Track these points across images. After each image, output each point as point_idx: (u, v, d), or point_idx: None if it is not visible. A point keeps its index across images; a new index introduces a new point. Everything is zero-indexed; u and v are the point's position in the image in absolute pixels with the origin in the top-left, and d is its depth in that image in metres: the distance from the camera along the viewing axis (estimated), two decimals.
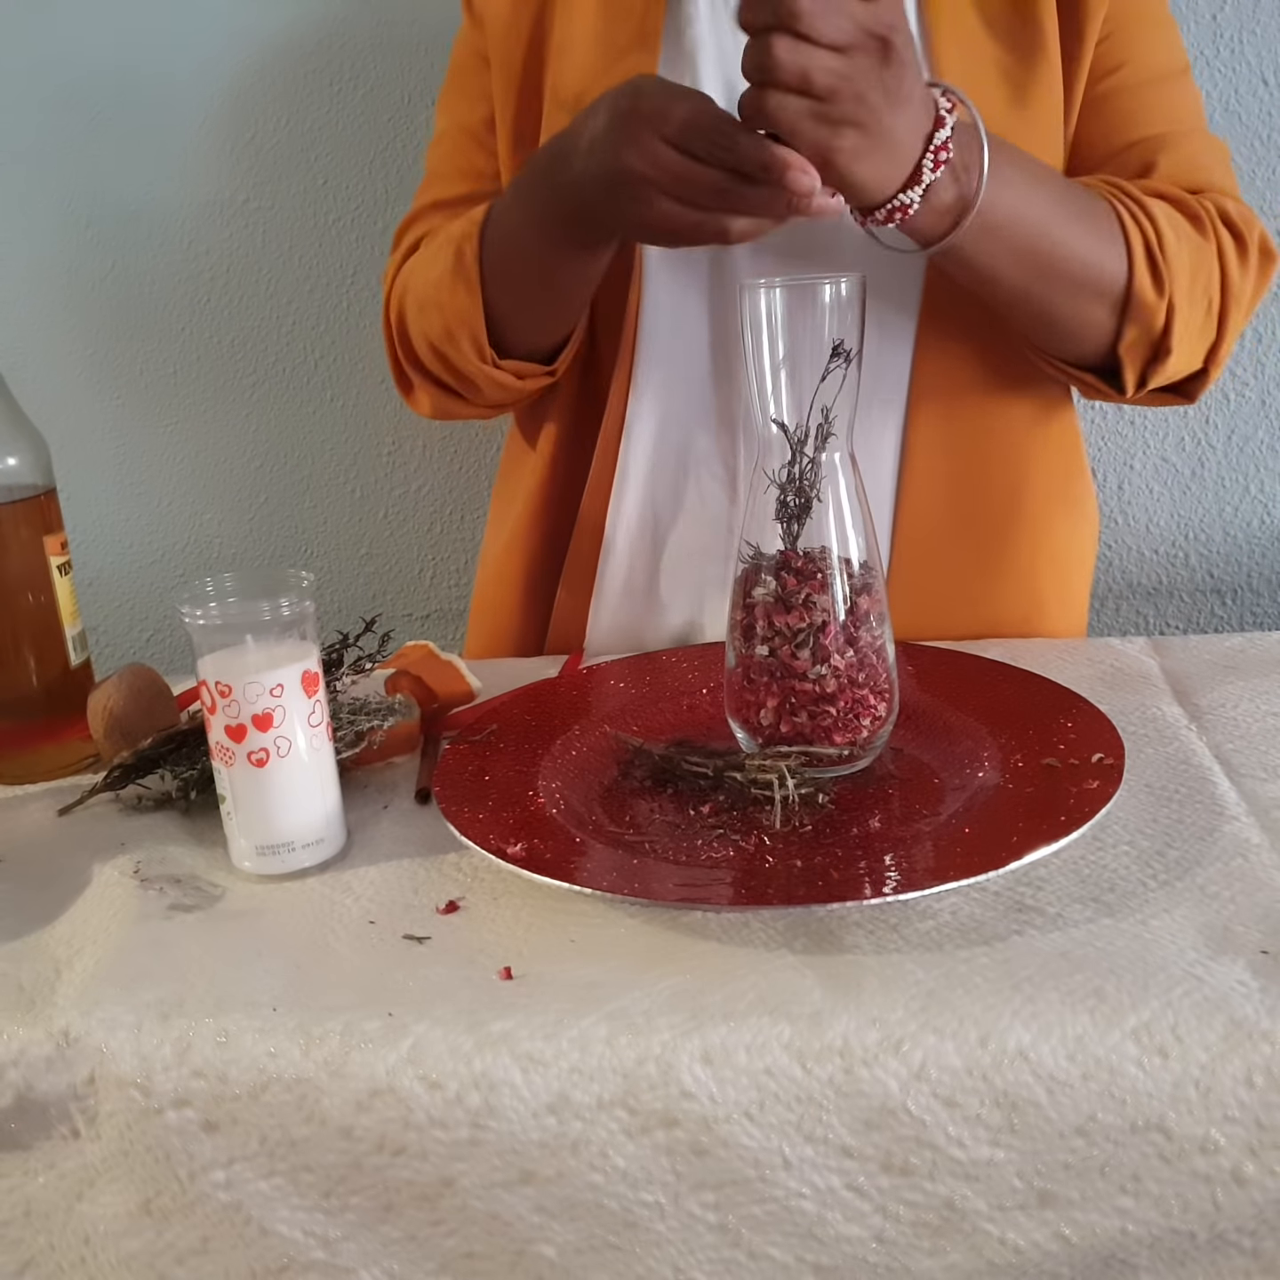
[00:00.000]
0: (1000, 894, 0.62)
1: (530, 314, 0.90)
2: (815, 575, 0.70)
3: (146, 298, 1.32)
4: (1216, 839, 0.66)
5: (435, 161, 1.01)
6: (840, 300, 0.67)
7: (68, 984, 0.61)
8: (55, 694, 0.83)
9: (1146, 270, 0.81)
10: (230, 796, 0.68)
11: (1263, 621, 1.32)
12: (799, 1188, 0.55)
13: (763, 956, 0.59)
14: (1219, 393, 1.25)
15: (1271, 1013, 0.53)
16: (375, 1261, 0.57)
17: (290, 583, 0.68)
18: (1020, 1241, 0.54)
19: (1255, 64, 1.17)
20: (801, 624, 0.69)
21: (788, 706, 0.71)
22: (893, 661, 0.72)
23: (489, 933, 0.62)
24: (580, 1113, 0.55)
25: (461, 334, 0.89)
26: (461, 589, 1.41)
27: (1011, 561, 0.97)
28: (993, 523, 0.96)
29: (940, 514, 0.94)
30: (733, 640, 0.73)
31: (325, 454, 1.37)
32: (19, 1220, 0.59)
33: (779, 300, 0.67)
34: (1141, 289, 0.82)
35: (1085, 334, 0.85)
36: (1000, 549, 0.97)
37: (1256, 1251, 0.54)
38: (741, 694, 0.72)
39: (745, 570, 0.72)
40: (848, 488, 0.71)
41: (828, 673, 0.70)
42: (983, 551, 0.96)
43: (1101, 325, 0.84)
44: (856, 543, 0.71)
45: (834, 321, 0.67)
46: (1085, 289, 0.82)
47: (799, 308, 0.67)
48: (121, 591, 1.43)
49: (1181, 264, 0.82)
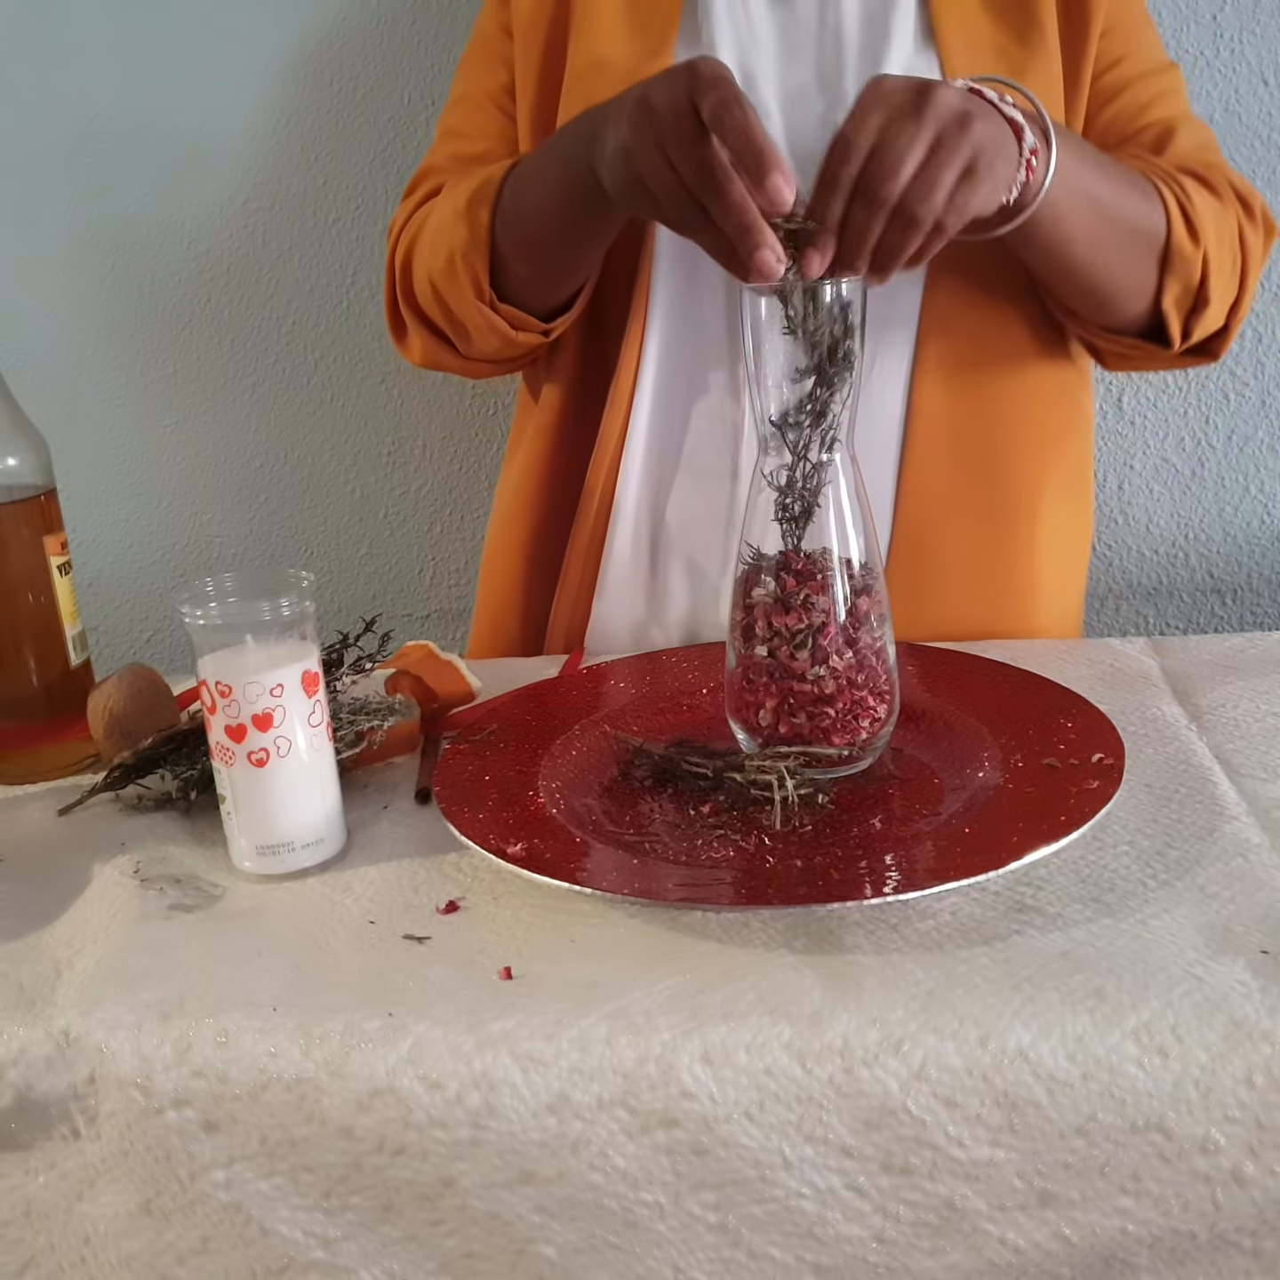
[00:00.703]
0: (1000, 894, 0.62)
1: (535, 266, 0.90)
2: (815, 576, 0.70)
3: (146, 298, 1.32)
4: (1216, 839, 0.66)
5: (455, 121, 1.02)
6: (841, 301, 0.67)
7: (68, 984, 0.61)
8: (55, 694, 0.83)
9: (1182, 223, 0.85)
10: (230, 796, 0.68)
11: (1263, 621, 1.32)
12: (799, 1188, 0.55)
13: (763, 956, 0.59)
14: (1219, 393, 1.25)
15: (1271, 1013, 0.53)
16: (375, 1261, 0.57)
17: (290, 583, 0.68)
18: (1020, 1241, 0.54)
19: (1255, 64, 1.17)
20: (800, 625, 0.70)
21: (786, 707, 0.71)
22: (893, 663, 0.72)
23: (489, 933, 0.62)
24: (580, 1113, 0.55)
25: (463, 267, 0.89)
26: (461, 589, 1.41)
27: (1013, 539, 0.98)
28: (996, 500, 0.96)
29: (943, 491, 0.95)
30: (733, 641, 0.73)
31: (325, 454, 1.37)
32: (19, 1220, 0.59)
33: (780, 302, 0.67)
34: (1180, 241, 0.85)
35: (1136, 290, 0.88)
36: (1003, 528, 0.97)
37: (1256, 1251, 0.54)
38: (741, 694, 0.72)
39: (746, 571, 0.72)
40: (848, 488, 0.71)
41: (826, 674, 0.70)
42: (985, 528, 0.97)
43: (1149, 280, 0.87)
44: (857, 543, 0.71)
45: (835, 322, 0.67)
46: (1137, 244, 0.85)
47: (800, 309, 0.67)
48: (121, 591, 1.43)
49: (1208, 221, 0.86)
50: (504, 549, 1.05)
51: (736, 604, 0.73)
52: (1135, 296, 0.89)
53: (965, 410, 0.94)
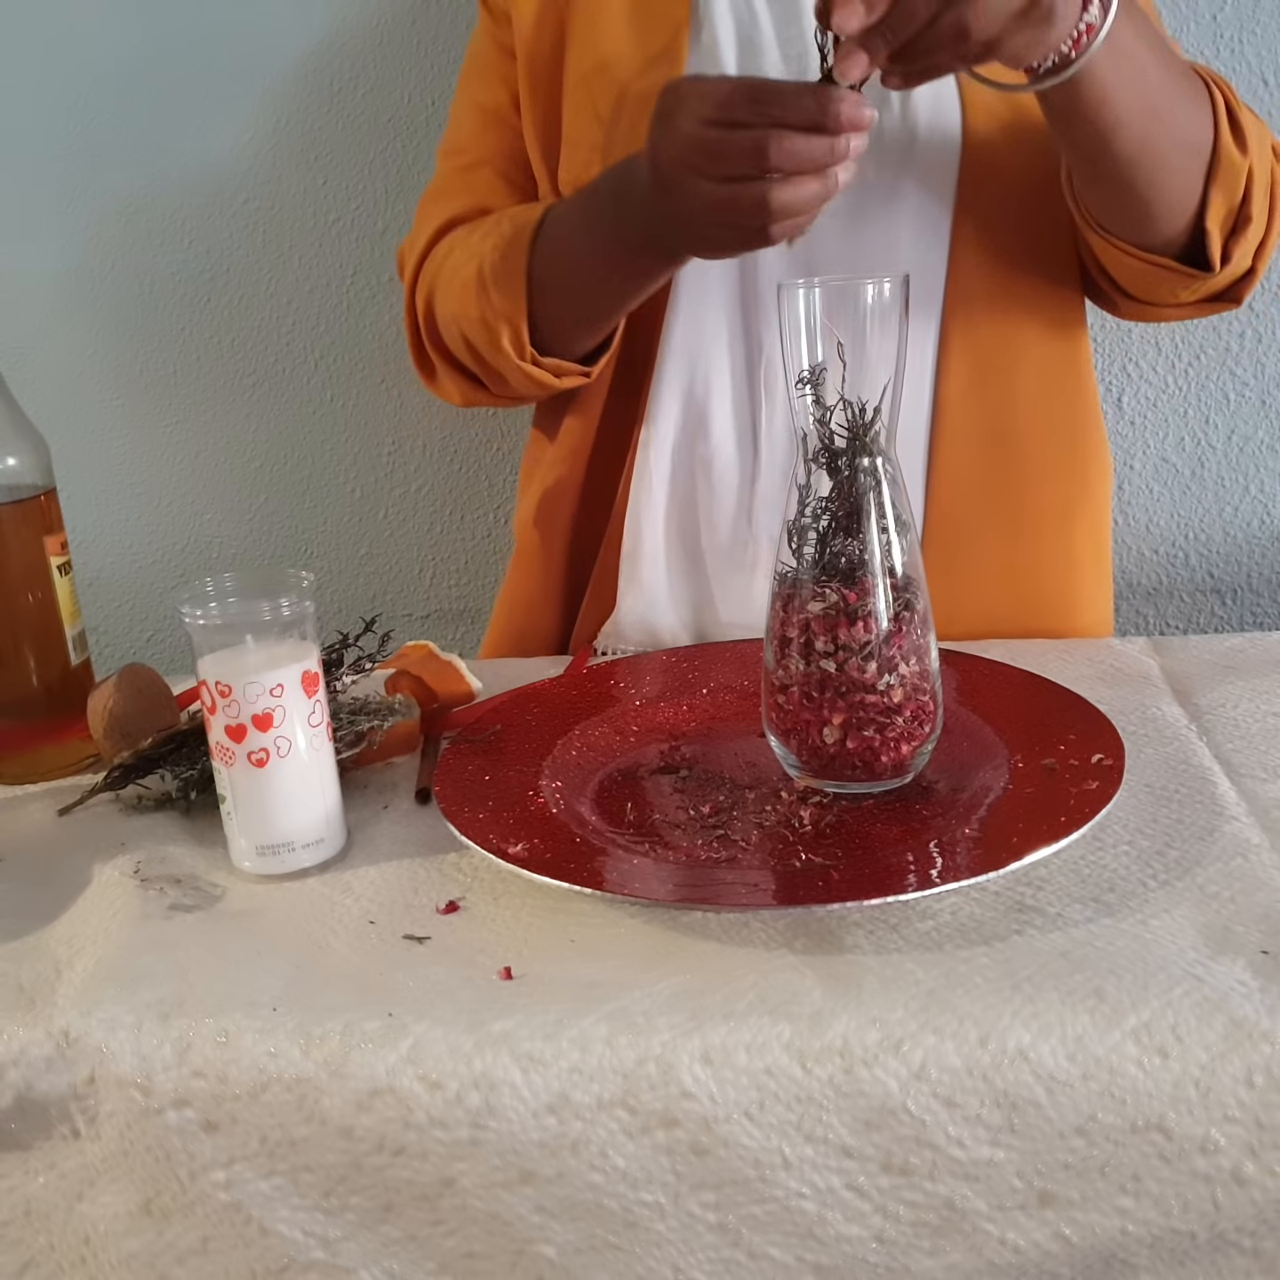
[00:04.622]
0: (1000, 894, 0.62)
1: (577, 319, 0.90)
2: (876, 586, 0.67)
3: (146, 298, 1.32)
4: (1216, 839, 0.66)
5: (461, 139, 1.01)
6: (883, 301, 0.65)
7: (68, 984, 0.61)
8: (55, 694, 0.83)
9: (1229, 129, 0.81)
10: (230, 796, 0.68)
11: (1263, 621, 1.32)
12: (799, 1188, 0.55)
13: (763, 956, 0.59)
14: (1219, 393, 1.25)
15: (1271, 1013, 0.53)
16: (375, 1261, 0.57)
17: (290, 583, 0.68)
18: (1020, 1241, 0.54)
19: (1255, 64, 1.17)
20: (868, 636, 0.67)
21: (855, 721, 0.68)
22: (936, 667, 0.70)
23: (489, 933, 0.62)
24: (580, 1113, 0.55)
25: (502, 329, 0.89)
26: (461, 589, 1.41)
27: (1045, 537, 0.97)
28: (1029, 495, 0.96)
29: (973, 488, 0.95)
30: (784, 659, 0.69)
31: (325, 454, 1.37)
32: (19, 1220, 0.59)
33: (818, 301, 0.65)
34: (1227, 147, 0.81)
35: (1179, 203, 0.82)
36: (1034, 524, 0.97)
37: (1256, 1251, 0.54)
38: (799, 713, 0.69)
39: (790, 585, 0.69)
40: (891, 492, 0.68)
41: (896, 682, 0.68)
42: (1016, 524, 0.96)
43: (1194, 192, 0.82)
44: (900, 545, 0.68)
45: (876, 323, 0.65)
46: (1185, 146, 0.80)
47: (839, 309, 0.65)
48: (121, 591, 1.43)
49: (1251, 130, 0.82)
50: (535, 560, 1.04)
51: (785, 621, 0.69)
52: (1177, 210, 0.82)
53: (991, 404, 0.94)
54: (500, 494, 1.36)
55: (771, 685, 0.71)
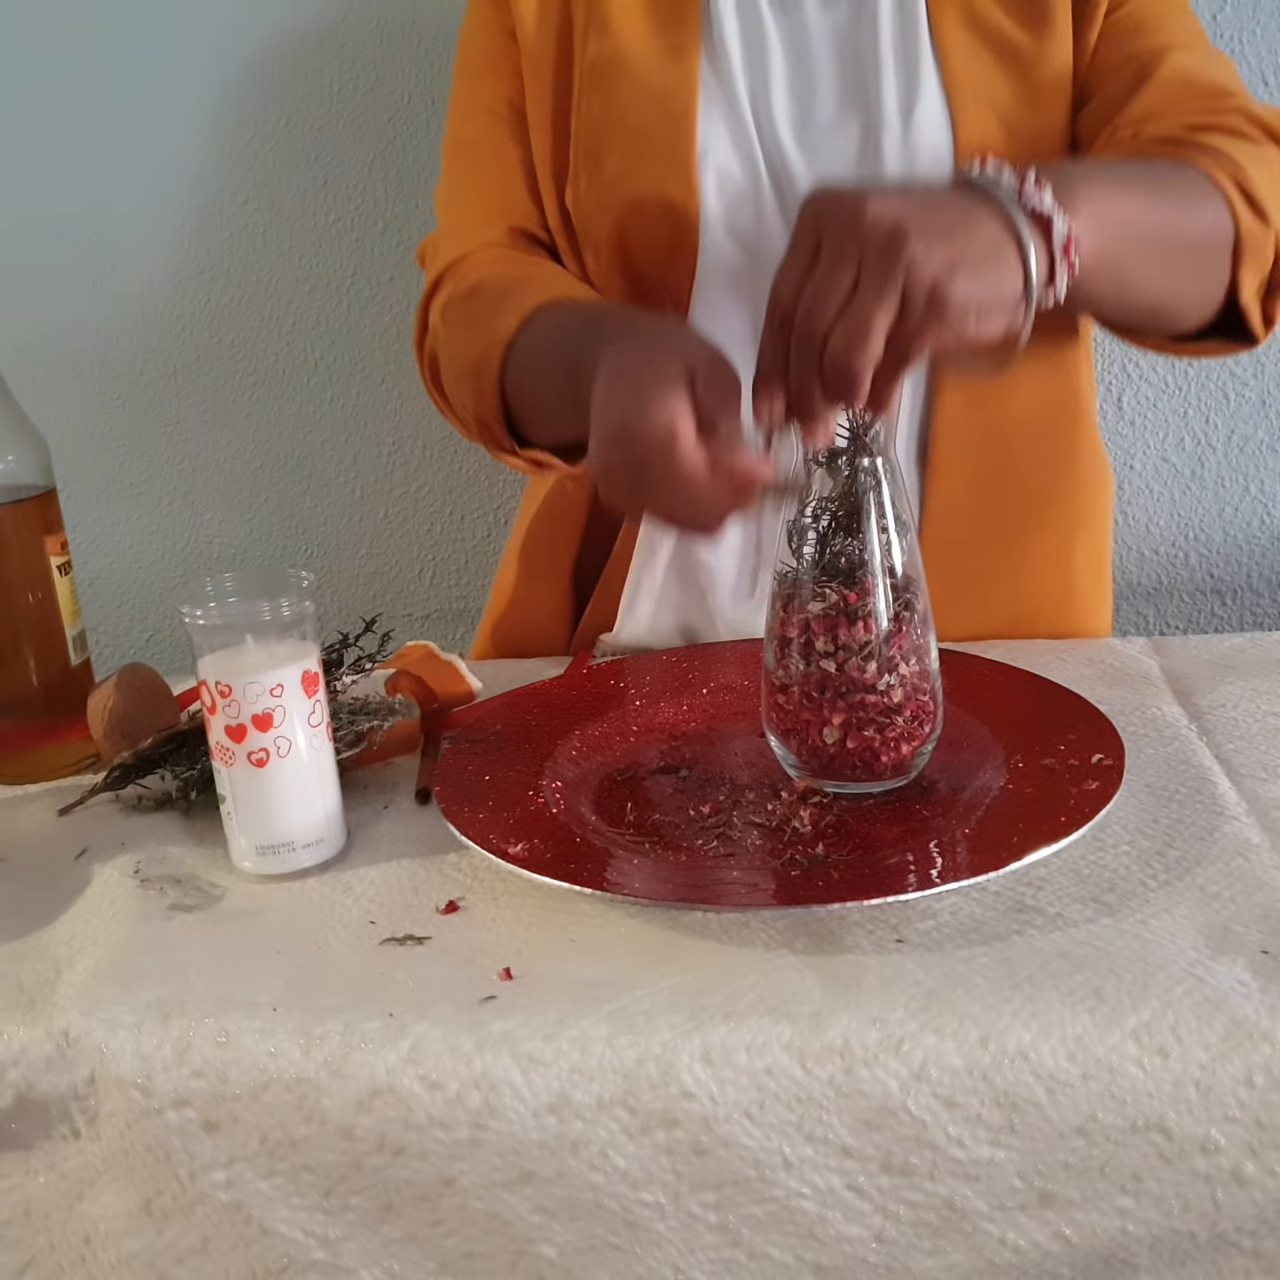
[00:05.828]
0: (1000, 894, 0.62)
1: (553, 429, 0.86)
2: (876, 585, 0.68)
3: (146, 298, 1.32)
4: (1216, 839, 0.66)
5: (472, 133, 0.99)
6: None
7: (68, 984, 0.61)
8: (55, 694, 0.83)
9: (1246, 206, 0.78)
10: (230, 796, 0.68)
11: (1263, 621, 1.32)
12: (799, 1188, 0.55)
13: (763, 956, 0.59)
14: (1219, 393, 1.25)
15: (1271, 1013, 0.53)
16: (375, 1261, 0.57)
17: (290, 583, 0.68)
18: (1020, 1241, 0.54)
19: (1255, 64, 1.17)
20: (868, 636, 0.67)
21: (855, 721, 0.68)
22: (936, 666, 0.71)
23: (489, 933, 0.62)
24: (580, 1113, 0.55)
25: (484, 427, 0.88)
26: (461, 589, 1.41)
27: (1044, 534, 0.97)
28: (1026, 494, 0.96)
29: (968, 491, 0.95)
30: (783, 659, 0.70)
31: (325, 454, 1.37)
32: (19, 1220, 0.59)
33: None
34: (1249, 227, 0.78)
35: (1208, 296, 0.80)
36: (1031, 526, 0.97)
37: (1257, 1251, 0.54)
38: (799, 713, 0.69)
39: (790, 586, 0.69)
40: (891, 492, 0.68)
41: (897, 682, 0.68)
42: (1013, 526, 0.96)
43: (1222, 280, 0.79)
44: (900, 545, 0.68)
45: None
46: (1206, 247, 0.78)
47: None
48: (121, 591, 1.43)
49: (1264, 186, 0.79)
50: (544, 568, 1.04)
51: (785, 621, 0.69)
52: (1207, 301, 0.80)
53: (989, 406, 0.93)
54: (500, 494, 1.36)
55: (771, 685, 0.71)
